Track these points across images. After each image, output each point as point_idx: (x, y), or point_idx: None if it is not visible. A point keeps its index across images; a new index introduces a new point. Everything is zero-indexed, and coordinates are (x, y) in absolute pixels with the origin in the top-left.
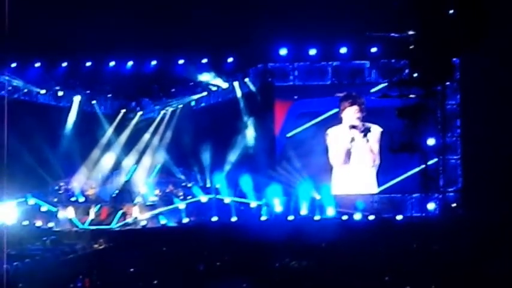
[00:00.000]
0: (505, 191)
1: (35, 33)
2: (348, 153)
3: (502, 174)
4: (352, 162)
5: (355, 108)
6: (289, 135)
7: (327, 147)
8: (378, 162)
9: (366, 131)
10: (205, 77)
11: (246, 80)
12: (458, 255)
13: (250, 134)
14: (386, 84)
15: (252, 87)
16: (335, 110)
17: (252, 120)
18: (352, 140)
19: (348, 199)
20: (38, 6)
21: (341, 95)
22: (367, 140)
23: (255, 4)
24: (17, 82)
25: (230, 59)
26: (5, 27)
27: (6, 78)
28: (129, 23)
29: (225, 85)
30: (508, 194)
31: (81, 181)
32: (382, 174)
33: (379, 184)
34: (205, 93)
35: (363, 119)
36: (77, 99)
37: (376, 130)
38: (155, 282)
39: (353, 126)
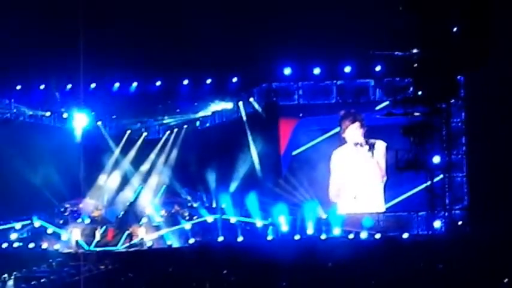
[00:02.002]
0: (511, 208)
1: (39, 56)
2: (355, 172)
3: (508, 191)
4: (359, 180)
5: (357, 125)
6: (294, 153)
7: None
8: (385, 178)
9: (370, 147)
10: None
11: (251, 99)
12: (464, 272)
13: (255, 153)
14: (390, 102)
15: (257, 107)
16: (338, 129)
17: (257, 140)
18: (358, 157)
19: (354, 218)
20: (41, 29)
21: (341, 113)
22: (372, 156)
23: (259, 24)
24: (21, 105)
25: (234, 79)
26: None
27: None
28: (133, 44)
29: (229, 105)
30: None
31: (87, 203)
32: (388, 191)
33: (386, 201)
34: (209, 113)
35: (366, 136)
36: (82, 121)
37: (380, 145)
38: None
39: (357, 144)
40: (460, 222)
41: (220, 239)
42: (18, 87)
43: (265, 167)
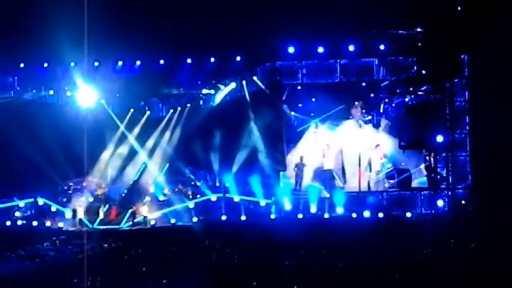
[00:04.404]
0: None
1: (43, 34)
2: (358, 149)
3: (510, 170)
4: (362, 157)
5: (361, 102)
6: (300, 129)
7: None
8: (387, 156)
9: (374, 125)
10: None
11: (255, 78)
12: (467, 251)
13: (259, 132)
14: (394, 81)
15: (261, 86)
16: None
17: (261, 118)
18: (362, 134)
19: (357, 197)
20: (45, 7)
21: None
22: (377, 133)
23: (262, 3)
24: (25, 83)
25: (238, 58)
26: (15, 28)
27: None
28: (136, 22)
29: (233, 84)
30: None
31: (91, 181)
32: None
33: (388, 179)
34: (213, 92)
35: (369, 113)
36: (87, 98)
37: (384, 124)
38: (164, 281)
39: (361, 121)
40: (463, 202)
41: (224, 217)
42: (22, 65)
43: (269, 145)
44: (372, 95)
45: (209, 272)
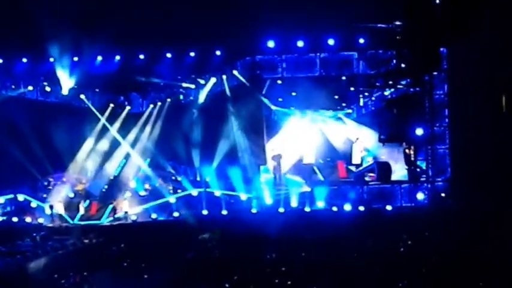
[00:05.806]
0: (493, 180)
1: (21, 29)
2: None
3: (490, 163)
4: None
5: None
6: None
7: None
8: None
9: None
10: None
11: (235, 72)
12: (447, 244)
13: (239, 126)
14: (374, 74)
15: (241, 80)
16: None
17: (241, 112)
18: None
19: (338, 190)
20: (22, 1)
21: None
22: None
23: None
24: (3, 79)
25: (218, 52)
26: None
27: None
28: (116, 17)
29: (213, 79)
30: (495, 183)
31: (71, 176)
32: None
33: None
34: (193, 87)
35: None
36: (65, 93)
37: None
38: (146, 276)
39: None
40: (443, 194)
41: (205, 212)
42: (0, 61)
43: (250, 140)
44: (352, 88)
45: (190, 267)
